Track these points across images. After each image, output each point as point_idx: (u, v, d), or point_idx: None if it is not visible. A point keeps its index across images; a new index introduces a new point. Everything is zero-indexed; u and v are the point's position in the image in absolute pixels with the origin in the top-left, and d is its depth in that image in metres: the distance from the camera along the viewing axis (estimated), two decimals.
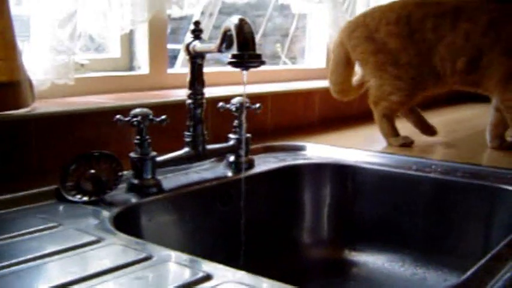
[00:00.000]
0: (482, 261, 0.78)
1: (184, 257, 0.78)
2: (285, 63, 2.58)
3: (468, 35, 1.44)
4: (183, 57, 1.74)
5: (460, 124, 1.98)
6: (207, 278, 0.70)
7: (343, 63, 1.64)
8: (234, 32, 0.97)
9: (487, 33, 1.43)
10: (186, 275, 0.72)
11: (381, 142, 1.56)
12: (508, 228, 0.94)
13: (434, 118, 1.89)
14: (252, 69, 0.98)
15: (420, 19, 1.50)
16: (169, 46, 1.72)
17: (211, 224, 1.17)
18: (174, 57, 2.27)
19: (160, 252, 0.78)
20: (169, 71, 1.63)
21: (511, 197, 1.15)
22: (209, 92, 1.22)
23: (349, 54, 1.61)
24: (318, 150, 1.47)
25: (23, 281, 0.68)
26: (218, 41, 1.04)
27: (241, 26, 0.97)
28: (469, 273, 0.74)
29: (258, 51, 0.97)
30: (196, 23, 1.17)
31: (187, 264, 0.75)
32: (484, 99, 1.62)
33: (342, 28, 1.65)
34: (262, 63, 0.98)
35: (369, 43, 1.55)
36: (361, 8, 2.28)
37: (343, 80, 1.66)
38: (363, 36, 1.56)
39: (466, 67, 1.45)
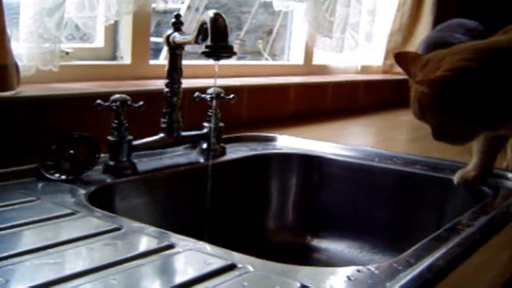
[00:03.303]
0: (424, 240, 0.86)
1: (153, 229, 0.85)
2: (267, 59, 2.65)
3: None
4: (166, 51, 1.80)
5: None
6: (171, 246, 0.77)
7: None
8: (208, 25, 1.05)
9: None
10: (152, 244, 0.79)
11: (349, 135, 1.63)
12: (457, 217, 1.01)
13: (403, 117, 1.97)
14: (231, 63, 1.05)
15: None
16: (154, 39, 1.78)
17: (181, 207, 1.23)
18: (158, 51, 2.33)
19: (131, 224, 0.85)
20: (151, 62, 1.69)
21: (463, 188, 1.23)
22: (189, 83, 1.29)
23: None
24: (288, 141, 1.53)
25: (1, 245, 0.74)
26: (195, 33, 1.12)
27: (216, 19, 1.04)
28: (409, 250, 0.82)
29: (242, 48, 1.04)
30: (177, 16, 1.24)
31: (155, 235, 0.82)
32: None
33: None
34: (234, 54, 1.06)
35: None
36: (340, 8, 2.34)
37: None
38: None
39: None
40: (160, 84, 1.27)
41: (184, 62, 1.25)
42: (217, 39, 1.03)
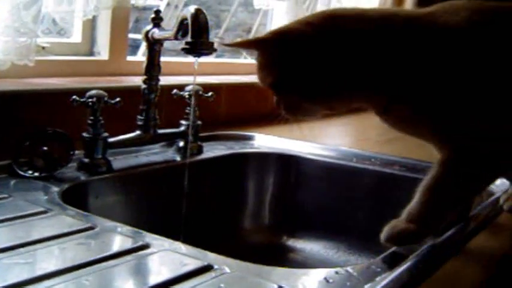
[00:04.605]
0: None
1: (127, 228, 0.83)
2: (246, 58, 2.64)
3: None
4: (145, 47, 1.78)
5: None
6: (145, 246, 0.76)
7: None
8: (189, 21, 1.03)
9: None
10: (126, 244, 0.78)
11: (327, 135, 1.63)
12: None
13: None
14: (210, 61, 1.04)
15: None
16: (132, 36, 1.76)
17: (157, 206, 1.22)
18: (136, 47, 2.30)
19: (104, 223, 0.84)
20: (129, 58, 1.67)
21: None
22: (166, 80, 1.28)
23: None
24: (266, 140, 1.52)
25: None
26: (175, 29, 1.10)
27: (197, 15, 1.04)
28: (387, 251, 0.81)
29: (220, 46, 1.03)
30: (157, 12, 1.22)
31: (129, 235, 0.81)
32: None
33: None
34: (214, 50, 1.05)
35: None
36: (321, 7, 2.34)
37: None
38: None
39: None
40: (137, 80, 1.25)
41: (162, 58, 1.24)
42: (197, 35, 1.02)
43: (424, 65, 0.80)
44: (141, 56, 1.89)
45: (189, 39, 1.03)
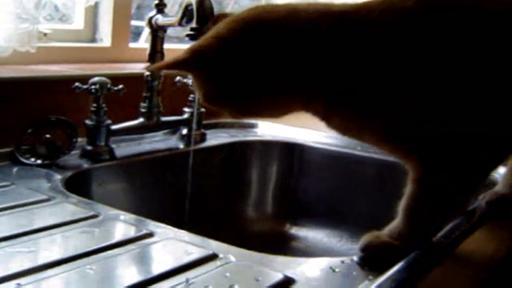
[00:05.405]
0: None
1: (131, 216, 0.83)
2: None
3: None
4: (146, 34, 1.77)
5: None
6: (150, 235, 0.76)
7: None
8: (194, 7, 1.02)
9: None
10: (130, 232, 0.78)
11: None
12: None
13: None
14: None
15: None
16: (134, 23, 1.75)
17: (160, 193, 1.22)
18: (138, 34, 2.29)
19: (108, 211, 0.83)
20: (131, 45, 1.66)
21: None
22: None
23: None
24: (269, 128, 1.51)
25: None
26: (179, 15, 1.09)
27: (202, 1, 1.03)
28: None
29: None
30: None
31: (133, 223, 0.80)
32: None
33: None
34: None
35: None
36: None
37: None
38: None
39: None
40: (140, 67, 1.24)
41: (165, 46, 1.23)
42: (203, 21, 1.01)
43: (353, 65, 0.73)
44: (143, 43, 1.87)
45: (194, 25, 1.02)
